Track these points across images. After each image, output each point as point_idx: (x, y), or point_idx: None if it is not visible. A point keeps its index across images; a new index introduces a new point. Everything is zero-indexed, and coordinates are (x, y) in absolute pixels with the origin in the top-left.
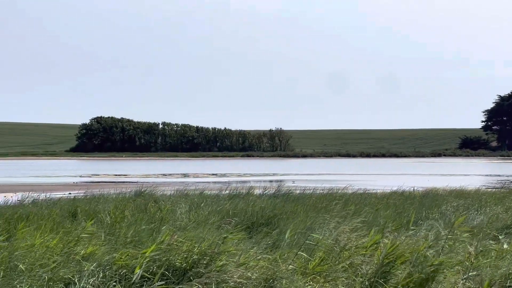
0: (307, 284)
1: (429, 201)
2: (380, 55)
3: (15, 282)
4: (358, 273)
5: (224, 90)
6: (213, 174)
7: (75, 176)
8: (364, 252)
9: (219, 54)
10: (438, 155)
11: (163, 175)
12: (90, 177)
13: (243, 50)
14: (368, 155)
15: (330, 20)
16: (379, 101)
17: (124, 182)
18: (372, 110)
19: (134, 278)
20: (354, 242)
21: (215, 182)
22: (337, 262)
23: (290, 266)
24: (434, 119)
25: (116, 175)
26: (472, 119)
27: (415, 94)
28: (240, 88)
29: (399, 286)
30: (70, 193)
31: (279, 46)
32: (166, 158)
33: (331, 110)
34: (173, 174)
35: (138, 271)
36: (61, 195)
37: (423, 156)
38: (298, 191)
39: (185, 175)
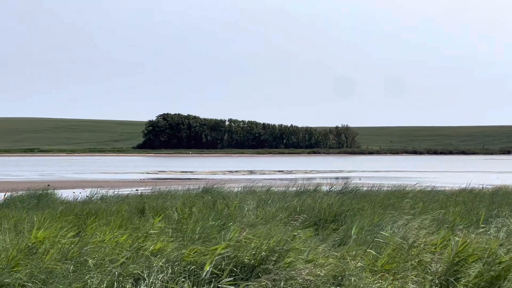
0: (375, 282)
1: (499, 198)
2: (448, 52)
3: (86, 277)
4: (428, 271)
5: (289, 87)
6: (279, 171)
7: (142, 173)
8: (433, 250)
9: (282, 54)
10: (508, 152)
11: (230, 172)
12: (156, 173)
13: (301, 50)
14: (435, 152)
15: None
16: (446, 98)
17: (190, 179)
18: (439, 107)
19: (203, 275)
20: (422, 239)
21: (281, 179)
22: (406, 259)
23: (359, 263)
24: (502, 116)
25: (182, 172)
26: None
27: (483, 92)
28: (305, 85)
29: (470, 284)
30: (137, 190)
31: (338, 45)
32: (232, 154)
33: (398, 106)
34: (240, 171)
35: (207, 268)
36: (129, 192)
37: (491, 153)
38: (365, 188)
39: (251, 172)
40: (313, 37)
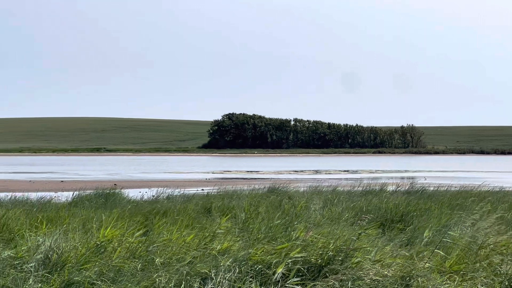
0: (444, 283)
1: None
2: None
3: (154, 276)
4: (497, 273)
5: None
6: (344, 171)
7: (207, 173)
8: (503, 251)
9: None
10: None
11: (295, 171)
12: (222, 173)
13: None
14: (503, 152)
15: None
16: None
17: (256, 178)
18: (506, 106)
19: (275, 277)
20: (492, 240)
21: (347, 179)
22: (474, 260)
23: (427, 264)
24: None
25: (248, 171)
26: None
27: None
28: (371, 85)
29: None
30: (202, 189)
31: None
32: (297, 154)
33: (464, 104)
34: (305, 170)
35: (279, 271)
36: (195, 191)
37: None
38: (431, 188)
39: (317, 172)
40: (382, 34)
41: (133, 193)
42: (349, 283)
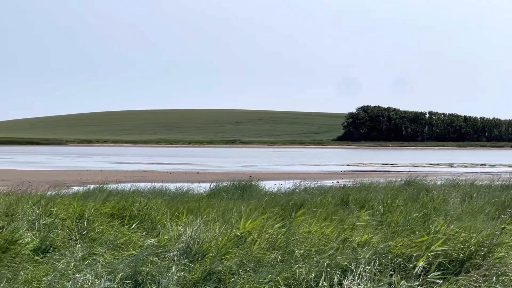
0: None
1: None
2: None
3: (294, 267)
4: None
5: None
6: (481, 164)
7: (342, 165)
8: None
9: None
10: None
11: (430, 164)
12: (357, 166)
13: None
14: None
15: None
16: None
17: (391, 171)
18: None
19: (415, 270)
20: None
21: (484, 173)
22: None
23: None
24: None
25: (383, 164)
26: None
27: None
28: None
29: None
30: (338, 182)
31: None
32: (432, 147)
33: None
34: (441, 163)
35: (420, 264)
36: (330, 184)
37: None
38: None
39: (452, 165)
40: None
41: (268, 185)
42: (493, 278)
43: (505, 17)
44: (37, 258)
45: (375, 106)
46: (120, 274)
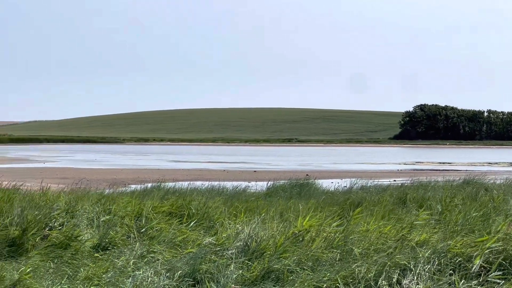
0: None
1: None
2: None
3: (353, 266)
4: None
5: None
6: None
7: (399, 164)
8: None
9: None
10: None
11: (489, 163)
12: (414, 164)
13: None
14: None
15: None
16: None
17: (448, 170)
18: None
19: (473, 268)
20: None
21: None
22: None
23: None
24: None
25: (440, 163)
26: None
27: None
28: None
29: None
30: (395, 180)
31: None
32: (491, 146)
33: None
34: (500, 162)
35: (477, 262)
36: (387, 182)
37: None
38: None
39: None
40: None
41: (325, 184)
42: None
43: None
44: (96, 255)
45: (432, 105)
46: (179, 272)
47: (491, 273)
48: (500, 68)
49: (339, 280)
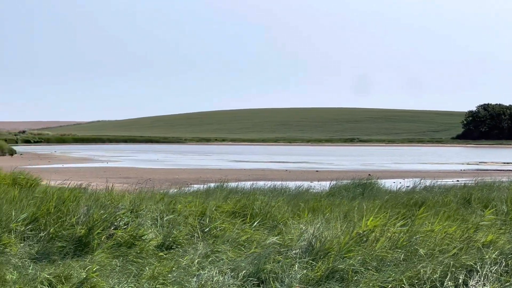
0: None
1: None
2: None
3: (419, 267)
4: None
5: None
6: None
7: (462, 164)
8: None
9: None
10: None
11: None
12: (477, 164)
13: None
14: None
15: None
16: None
17: None
18: None
19: None
20: None
21: None
22: None
23: None
24: None
25: (505, 163)
26: None
27: None
28: None
29: None
30: (458, 180)
31: None
32: None
33: None
34: None
35: None
36: (451, 182)
37: None
38: None
39: None
40: None
41: (388, 184)
42: None
43: None
44: (161, 254)
45: (496, 104)
46: (243, 272)
47: None
48: None
49: (404, 280)
